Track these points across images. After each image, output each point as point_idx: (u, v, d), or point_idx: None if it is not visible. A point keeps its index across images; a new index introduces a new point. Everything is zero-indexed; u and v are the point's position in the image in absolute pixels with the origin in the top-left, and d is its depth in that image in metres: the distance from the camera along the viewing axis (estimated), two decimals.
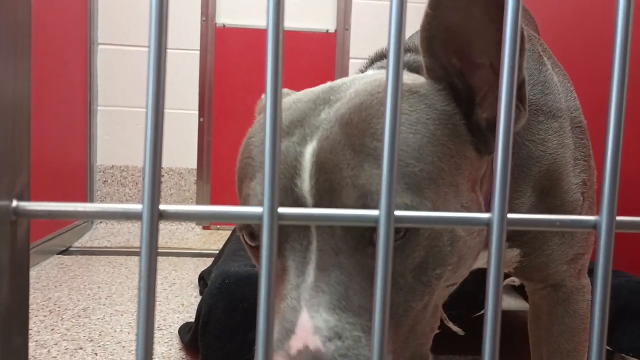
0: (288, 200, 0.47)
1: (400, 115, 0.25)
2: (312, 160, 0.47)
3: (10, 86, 0.25)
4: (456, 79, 0.53)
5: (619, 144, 0.24)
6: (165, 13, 0.23)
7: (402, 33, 0.24)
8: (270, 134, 0.23)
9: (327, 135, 0.48)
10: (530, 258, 0.71)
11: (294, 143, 0.49)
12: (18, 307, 0.24)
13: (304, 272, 0.45)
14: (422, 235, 0.46)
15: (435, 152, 0.48)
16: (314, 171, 0.46)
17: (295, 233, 0.47)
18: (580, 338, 0.76)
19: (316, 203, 0.46)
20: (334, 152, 0.47)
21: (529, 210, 0.68)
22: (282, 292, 0.45)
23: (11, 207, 0.23)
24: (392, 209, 0.25)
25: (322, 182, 0.46)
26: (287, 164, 0.48)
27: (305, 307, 0.43)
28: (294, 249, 0.47)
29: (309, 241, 0.46)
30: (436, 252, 0.48)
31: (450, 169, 0.49)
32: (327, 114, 0.50)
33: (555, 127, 0.69)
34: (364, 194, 0.45)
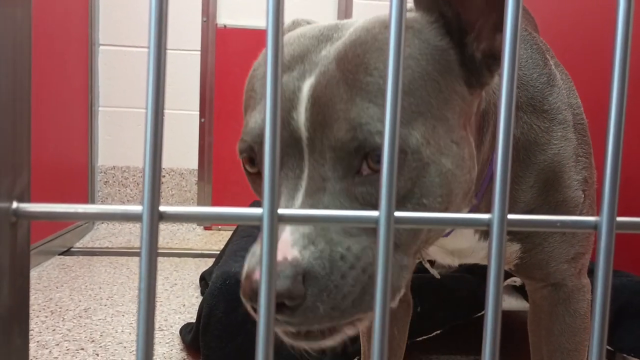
0: (285, 132, 0.50)
1: (399, 112, 0.24)
2: (309, 95, 0.49)
3: (10, 87, 0.25)
4: (446, 8, 0.53)
5: (619, 145, 0.24)
6: (165, 14, 0.23)
7: (402, 32, 0.24)
8: (271, 133, 0.23)
9: (324, 70, 0.50)
10: (530, 254, 0.71)
11: (293, 78, 0.51)
12: (18, 308, 0.24)
13: (294, 197, 0.48)
14: (408, 166, 0.48)
15: (425, 87, 0.50)
16: (309, 105, 0.49)
17: (290, 162, 0.50)
18: (581, 337, 0.75)
19: (310, 135, 0.49)
20: (329, 86, 0.49)
21: (529, 201, 0.68)
22: None
23: (11, 208, 0.23)
24: (392, 210, 0.25)
25: (316, 115, 0.48)
26: (285, 97, 0.50)
27: (288, 227, 0.46)
28: (287, 176, 0.50)
29: (302, 170, 0.49)
30: (423, 182, 0.49)
31: (439, 104, 0.51)
32: (327, 52, 0.51)
33: (560, 119, 0.69)
34: (354, 127, 0.47)
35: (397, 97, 0.24)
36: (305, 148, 0.49)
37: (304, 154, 0.49)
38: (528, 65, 0.70)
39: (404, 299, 0.93)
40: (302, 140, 0.49)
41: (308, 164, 0.49)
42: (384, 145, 0.24)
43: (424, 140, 0.49)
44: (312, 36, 0.54)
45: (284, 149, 0.50)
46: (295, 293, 0.43)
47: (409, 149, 0.48)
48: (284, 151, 0.50)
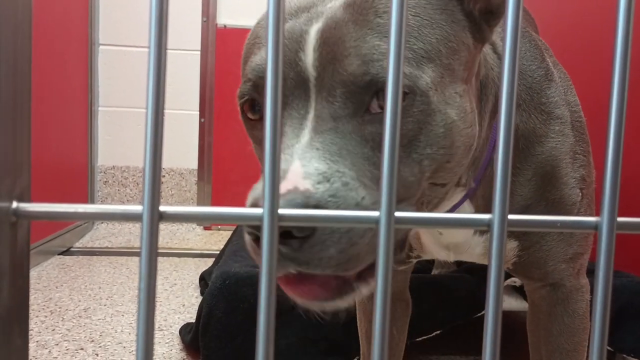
0: (292, 73, 0.50)
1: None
2: (317, 37, 0.50)
3: (10, 86, 0.25)
4: None
5: (619, 145, 0.24)
6: (166, 13, 0.23)
7: (402, 32, 0.24)
8: (270, 133, 0.23)
9: (331, 16, 0.50)
10: (528, 252, 0.71)
11: (300, 23, 0.51)
12: (18, 308, 0.24)
13: (299, 135, 0.48)
14: (417, 107, 0.49)
15: (434, 34, 0.51)
16: (318, 45, 0.49)
17: (294, 102, 0.50)
18: (580, 338, 0.75)
19: (318, 74, 0.49)
20: (337, 27, 0.49)
21: (527, 195, 0.68)
22: None
23: (11, 208, 0.23)
24: (393, 210, 0.25)
25: (325, 54, 0.49)
26: (292, 40, 0.51)
27: (297, 159, 0.45)
28: (292, 116, 0.49)
29: (307, 110, 0.49)
30: (428, 130, 0.50)
31: (448, 52, 0.52)
32: (333, 3, 0.52)
33: (558, 113, 0.70)
34: (367, 62, 0.48)
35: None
36: (312, 88, 0.49)
37: (311, 94, 0.49)
38: (526, 57, 0.71)
39: (403, 298, 0.93)
40: (309, 80, 0.49)
41: (315, 104, 0.49)
42: (384, 142, 0.24)
43: (433, 86, 0.50)
44: None
45: (290, 90, 0.50)
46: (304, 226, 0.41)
47: (418, 90, 0.49)
48: (290, 91, 0.50)
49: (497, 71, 0.63)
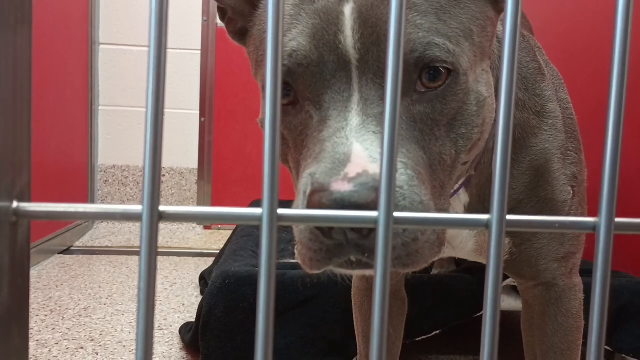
0: (332, 55, 0.49)
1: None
2: (353, 17, 0.49)
3: (10, 86, 0.25)
4: None
5: (618, 145, 0.24)
6: (166, 13, 0.23)
7: (402, 31, 0.24)
8: (270, 133, 0.23)
9: None
10: (520, 250, 0.71)
11: (332, 3, 0.50)
12: (18, 307, 0.24)
13: (347, 118, 0.47)
14: (460, 85, 0.49)
15: (464, 14, 0.52)
16: (358, 26, 0.48)
17: (336, 85, 0.49)
18: (574, 337, 0.76)
19: (362, 57, 0.48)
20: (375, 7, 0.49)
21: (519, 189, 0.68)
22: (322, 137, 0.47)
23: (11, 208, 0.23)
24: (392, 210, 0.25)
25: (367, 35, 0.48)
26: (329, 22, 0.50)
27: (356, 142, 0.44)
28: (334, 99, 0.49)
29: (350, 93, 0.48)
30: (464, 109, 0.51)
31: (478, 31, 0.53)
32: None
33: (550, 107, 0.70)
34: (412, 40, 0.48)
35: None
36: (355, 70, 0.49)
37: (353, 76, 0.49)
38: (519, 49, 0.71)
39: (399, 296, 0.93)
40: (351, 63, 0.49)
41: (358, 86, 0.48)
42: (384, 145, 0.24)
43: (470, 65, 0.51)
44: None
45: (331, 73, 0.49)
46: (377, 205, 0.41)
47: (461, 68, 0.49)
48: (330, 75, 0.49)
49: (497, 54, 0.63)
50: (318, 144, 0.47)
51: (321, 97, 0.49)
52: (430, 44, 0.48)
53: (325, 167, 0.44)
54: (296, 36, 0.51)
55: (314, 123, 0.50)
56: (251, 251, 1.39)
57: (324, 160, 0.44)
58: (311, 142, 0.49)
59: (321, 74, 0.49)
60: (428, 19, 0.49)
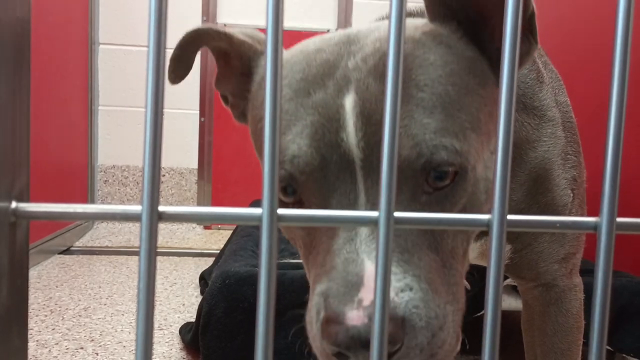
0: (335, 155, 0.46)
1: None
2: (356, 112, 0.46)
3: (9, 86, 0.25)
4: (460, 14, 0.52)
5: (619, 145, 0.24)
6: (165, 13, 0.23)
7: (402, 32, 0.24)
8: (270, 133, 0.23)
9: (364, 86, 0.47)
10: (520, 254, 0.71)
11: (331, 95, 0.47)
12: (17, 308, 0.24)
13: (355, 227, 0.44)
14: (468, 181, 0.47)
15: (473, 103, 0.49)
16: (361, 124, 0.46)
17: (341, 187, 0.46)
18: (574, 337, 0.76)
19: (366, 156, 0.45)
20: (379, 101, 0.46)
21: (520, 199, 0.68)
22: (332, 247, 0.45)
23: (10, 208, 0.23)
24: (392, 210, 0.25)
25: (371, 133, 0.45)
26: (329, 117, 0.47)
27: (367, 259, 0.42)
28: (341, 203, 0.46)
29: (357, 195, 0.46)
30: (474, 199, 0.48)
31: (486, 118, 0.50)
32: (355, 65, 0.49)
33: (549, 116, 0.70)
34: (418, 143, 0.45)
35: (396, 92, 0.24)
36: (360, 170, 0.46)
37: (358, 177, 0.46)
38: None
39: None
40: (354, 163, 0.46)
41: (364, 188, 0.46)
42: (384, 144, 0.24)
43: (478, 156, 0.48)
44: (331, 51, 0.51)
45: (335, 174, 0.46)
46: (397, 338, 0.40)
47: (469, 165, 0.47)
48: (334, 176, 0.46)
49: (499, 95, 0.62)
50: (328, 255, 0.45)
51: (327, 201, 0.47)
52: (437, 147, 0.45)
53: (337, 289, 0.42)
54: (295, 137, 0.48)
55: (322, 227, 0.47)
56: (251, 251, 1.39)
57: (335, 279, 0.42)
58: (320, 247, 0.47)
59: (325, 177, 0.47)
60: (435, 117, 0.46)
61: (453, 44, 0.52)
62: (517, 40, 0.24)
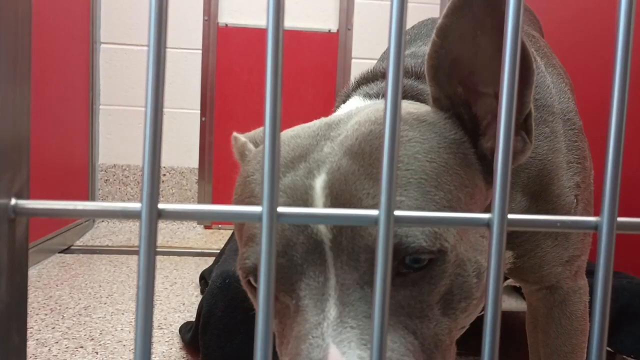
0: (301, 236, 0.45)
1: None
2: (325, 193, 0.45)
3: (10, 84, 0.25)
4: (462, 109, 0.52)
5: (620, 145, 0.24)
6: (165, 12, 0.23)
7: (403, 32, 0.24)
8: (270, 133, 0.23)
9: (337, 167, 0.46)
10: (523, 260, 0.71)
11: (301, 177, 0.46)
12: (17, 306, 0.24)
13: (324, 309, 0.43)
14: (448, 262, 0.45)
15: (452, 181, 0.47)
16: (329, 202, 0.44)
17: (309, 270, 0.44)
18: (578, 340, 0.75)
19: (334, 236, 0.44)
20: (348, 182, 0.45)
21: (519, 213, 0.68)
22: (298, 333, 0.43)
23: (10, 205, 0.23)
24: (392, 209, 0.24)
25: None
26: (296, 198, 0.46)
27: (333, 344, 0.40)
28: (309, 286, 0.44)
29: (326, 277, 0.44)
30: (461, 282, 0.46)
31: (466, 199, 0.48)
32: (331, 148, 0.48)
33: (547, 132, 0.68)
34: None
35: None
36: (329, 251, 0.44)
37: (327, 258, 0.44)
38: None
39: None
40: (323, 244, 0.44)
41: (334, 270, 0.44)
42: (385, 141, 0.24)
43: (459, 237, 0.46)
44: (307, 136, 0.50)
45: (302, 256, 0.44)
46: None
47: (448, 244, 0.45)
48: (302, 258, 0.44)
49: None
50: (295, 341, 0.43)
51: (295, 285, 0.45)
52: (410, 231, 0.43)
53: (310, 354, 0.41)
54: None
55: (290, 313, 0.46)
56: None
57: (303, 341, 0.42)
58: (289, 334, 0.45)
59: (291, 261, 0.45)
60: (410, 195, 0.44)
61: (436, 122, 0.51)
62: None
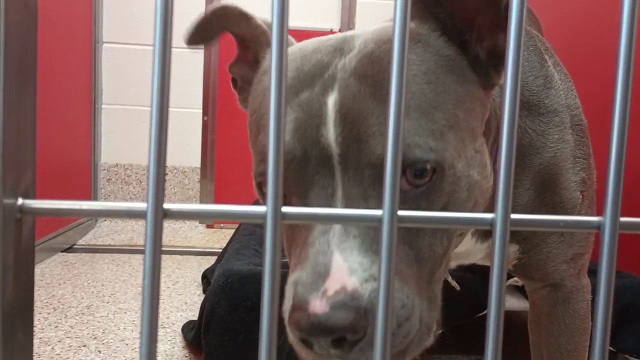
0: (315, 150, 0.48)
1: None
2: (335, 109, 0.48)
3: (15, 85, 0.25)
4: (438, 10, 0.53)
5: (623, 145, 0.24)
6: (171, 12, 0.23)
7: (405, 31, 0.24)
8: (275, 134, 0.23)
9: (345, 85, 0.49)
10: (529, 255, 0.71)
11: (316, 94, 0.49)
12: (23, 304, 0.24)
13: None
14: (447, 180, 0.48)
15: (450, 101, 0.50)
16: (339, 120, 0.47)
17: (320, 181, 0.48)
18: (581, 338, 0.75)
19: (342, 152, 0.47)
20: (356, 101, 0.47)
21: (527, 204, 0.68)
22: (307, 240, 0.46)
23: (16, 205, 0.23)
24: (396, 208, 0.25)
25: (348, 131, 0.47)
26: (312, 114, 0.49)
27: (337, 251, 0.44)
28: (319, 196, 0.48)
29: (334, 189, 0.47)
30: (455, 198, 0.49)
31: (465, 115, 0.51)
32: (343, 64, 0.50)
33: (557, 121, 0.69)
34: None
35: (401, 93, 0.24)
36: (337, 165, 0.47)
37: (335, 172, 0.47)
38: (524, 68, 0.70)
39: None
40: (333, 157, 0.47)
41: (342, 183, 0.47)
42: (388, 141, 0.24)
43: (457, 154, 0.49)
44: (327, 51, 0.53)
45: (314, 168, 0.48)
46: (359, 327, 0.41)
47: (446, 163, 0.48)
48: (314, 170, 0.48)
49: (498, 101, 0.61)
50: (303, 247, 0.46)
51: (307, 193, 0.48)
52: (411, 146, 0.46)
53: (306, 278, 0.43)
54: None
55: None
56: (254, 250, 1.39)
57: (306, 269, 0.44)
58: (299, 239, 0.48)
59: (305, 169, 0.48)
60: (410, 115, 0.47)
61: (431, 42, 0.52)
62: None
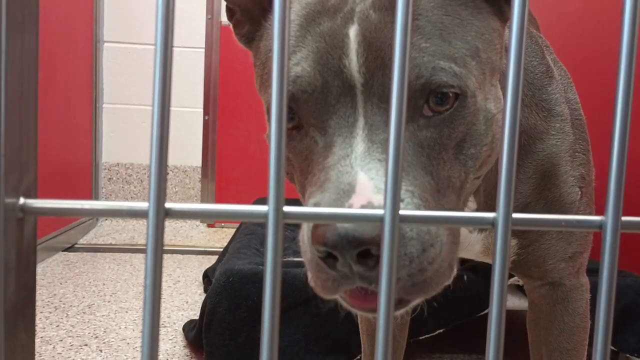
0: (336, 80, 0.48)
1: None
2: (357, 40, 0.48)
3: (17, 84, 0.25)
4: None
5: (624, 144, 0.24)
6: (172, 11, 0.23)
7: (407, 31, 0.24)
8: (276, 132, 0.23)
9: (365, 16, 0.49)
10: (527, 250, 0.71)
11: (338, 25, 0.50)
12: (24, 303, 0.24)
13: (352, 144, 0.46)
14: (468, 108, 0.48)
15: (468, 32, 0.50)
16: (362, 50, 0.48)
17: (340, 110, 0.48)
18: (580, 337, 0.75)
19: (366, 81, 0.47)
20: (378, 31, 0.48)
21: (527, 192, 0.68)
22: (327, 164, 0.47)
23: (18, 204, 0.23)
24: (397, 207, 0.25)
25: (372, 59, 0.47)
26: (334, 45, 0.49)
27: (361, 171, 0.44)
28: (339, 125, 0.48)
29: (356, 118, 0.48)
30: (473, 130, 0.50)
31: (485, 47, 0.51)
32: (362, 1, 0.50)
33: (558, 111, 0.70)
34: (417, 65, 0.47)
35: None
36: (360, 95, 0.48)
37: (358, 101, 0.48)
38: (527, 53, 0.70)
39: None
40: (355, 87, 0.48)
41: (364, 111, 0.47)
42: (390, 141, 0.24)
43: (477, 84, 0.50)
44: None
45: (335, 98, 0.48)
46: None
47: (469, 90, 0.48)
48: (335, 99, 0.48)
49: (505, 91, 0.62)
50: (323, 172, 0.46)
51: (326, 123, 0.49)
52: (436, 69, 0.47)
53: (329, 197, 0.43)
54: (300, 60, 0.50)
55: (318, 149, 0.49)
56: (255, 249, 1.39)
57: (329, 190, 0.44)
58: (316, 167, 0.48)
59: (325, 99, 0.49)
60: (433, 42, 0.48)
61: None
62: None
